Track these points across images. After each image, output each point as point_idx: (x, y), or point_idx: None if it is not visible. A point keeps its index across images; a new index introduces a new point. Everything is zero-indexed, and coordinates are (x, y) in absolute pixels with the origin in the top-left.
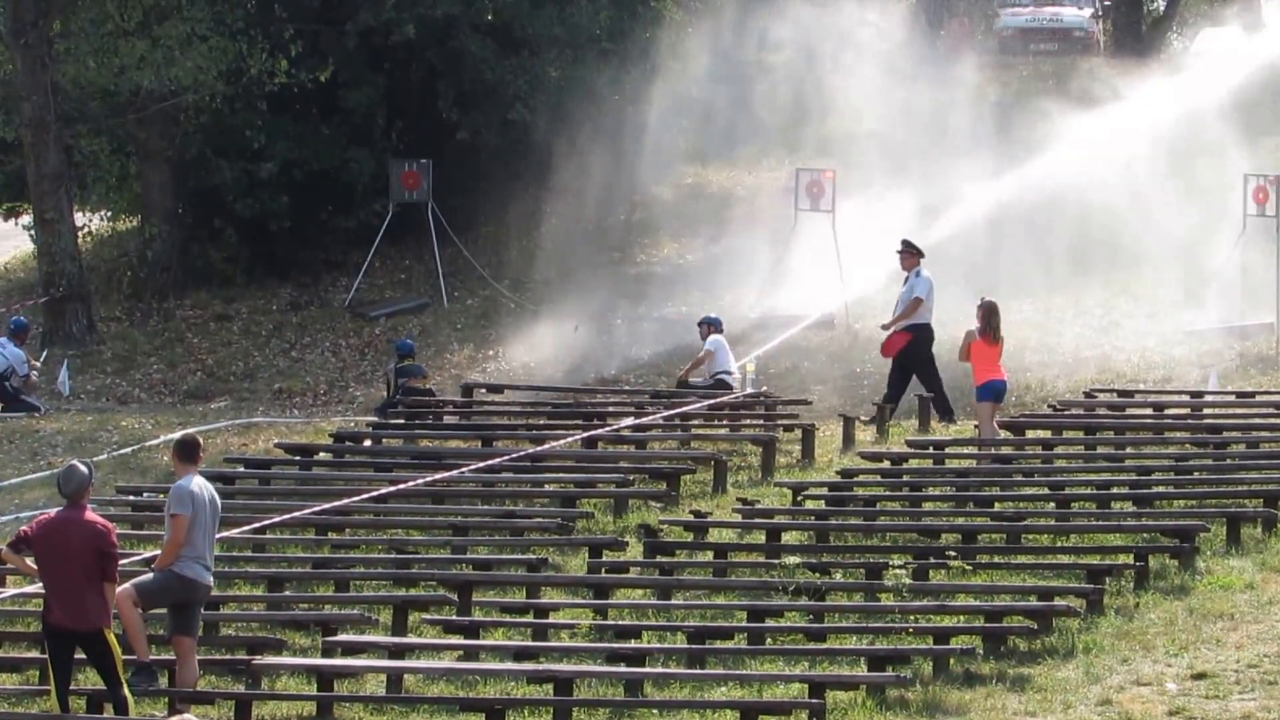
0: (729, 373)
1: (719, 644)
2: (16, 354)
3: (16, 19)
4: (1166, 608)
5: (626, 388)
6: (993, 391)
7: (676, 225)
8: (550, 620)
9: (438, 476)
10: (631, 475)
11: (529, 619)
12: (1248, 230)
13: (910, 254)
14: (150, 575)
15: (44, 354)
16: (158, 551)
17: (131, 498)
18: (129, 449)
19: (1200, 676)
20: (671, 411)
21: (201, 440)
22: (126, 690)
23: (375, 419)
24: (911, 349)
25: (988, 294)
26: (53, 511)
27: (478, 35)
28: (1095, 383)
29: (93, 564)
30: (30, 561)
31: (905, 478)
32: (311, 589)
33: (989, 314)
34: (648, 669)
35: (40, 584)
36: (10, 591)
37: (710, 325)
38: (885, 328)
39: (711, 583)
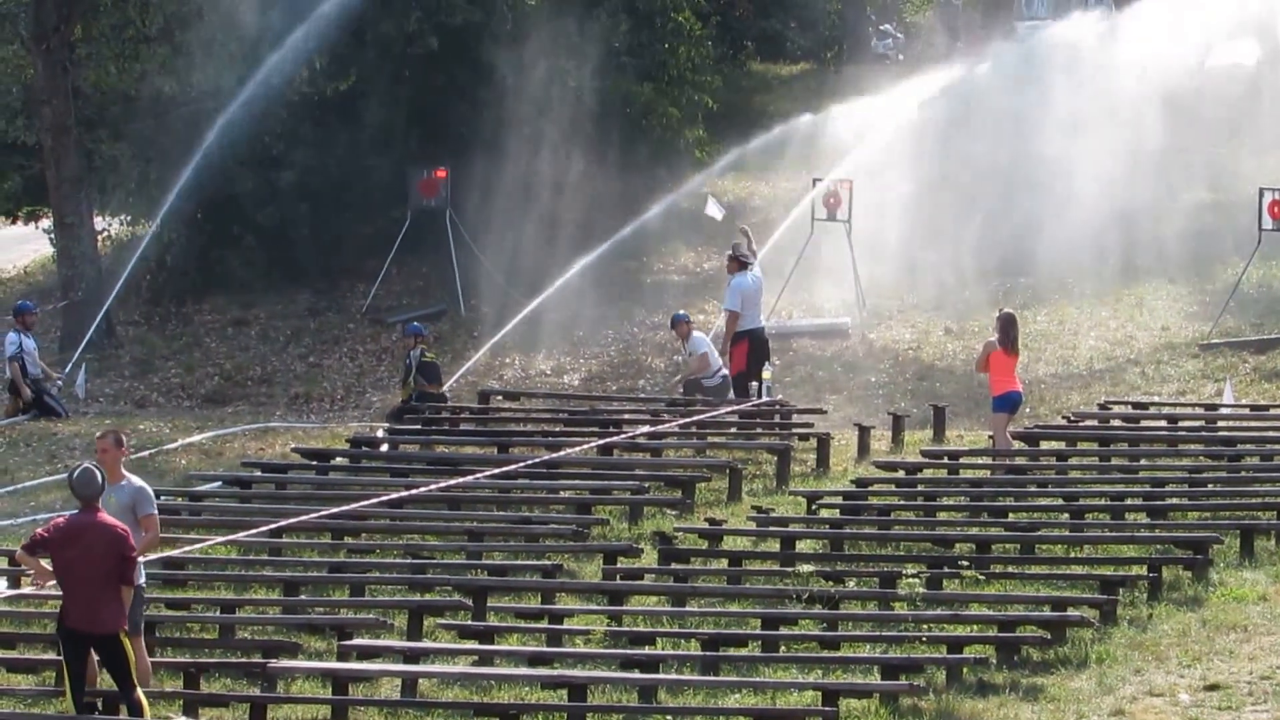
0: (723, 368)
1: (733, 651)
2: (12, 338)
3: (38, 24)
4: (1180, 619)
5: (642, 395)
6: (1010, 403)
7: (693, 234)
8: (565, 626)
9: (454, 482)
10: (647, 482)
11: (544, 624)
12: (1263, 244)
13: (733, 260)
14: (131, 606)
15: (83, 367)
16: (170, 552)
17: None
18: (147, 452)
19: (1213, 688)
20: (687, 420)
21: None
22: (140, 694)
23: (389, 424)
24: (750, 354)
25: (1004, 306)
26: (66, 515)
27: (498, 46)
28: (1110, 395)
29: (113, 567)
30: (45, 564)
31: (920, 487)
32: (327, 593)
33: (1008, 325)
34: (662, 675)
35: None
36: (27, 591)
37: (689, 322)
38: (722, 353)
39: (726, 590)
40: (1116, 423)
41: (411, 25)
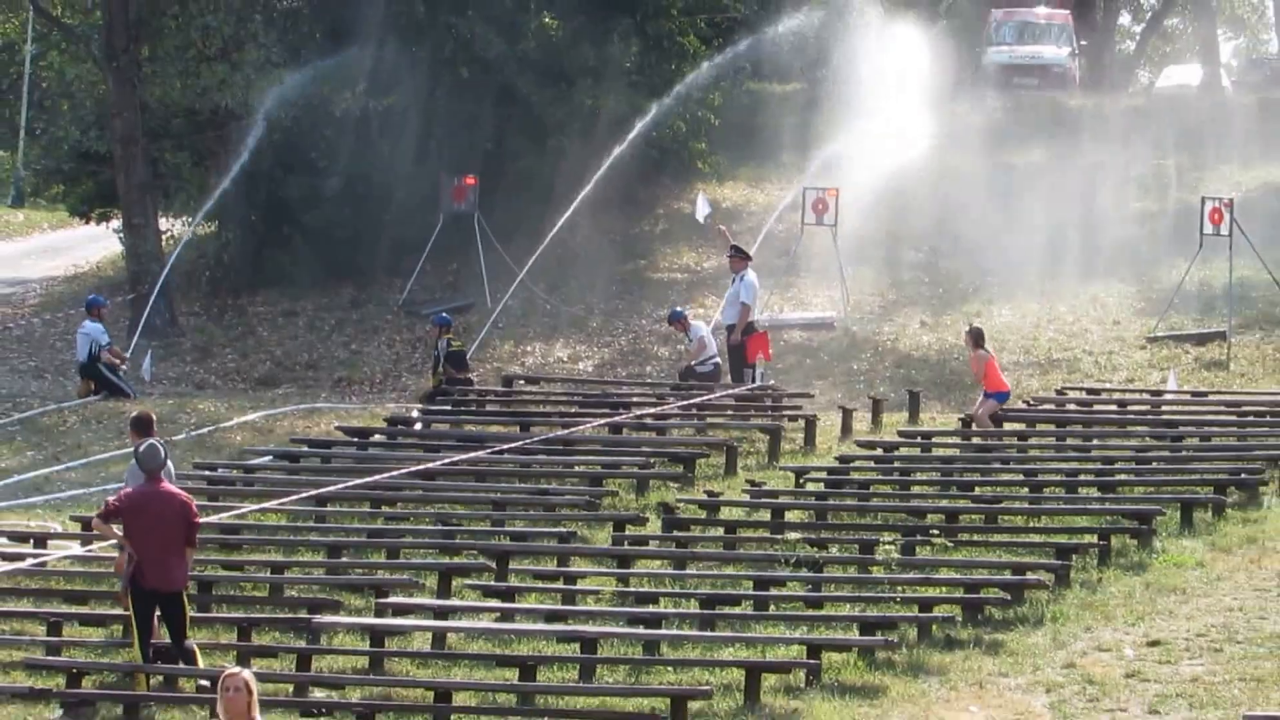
0: (716, 356)
1: (728, 610)
2: (95, 328)
3: (109, 45)
4: (1126, 582)
5: (649, 380)
6: (1006, 397)
7: (696, 237)
8: (578, 587)
9: (479, 454)
10: (652, 458)
11: (559, 585)
12: (1204, 248)
13: (738, 258)
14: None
15: (149, 352)
16: (225, 518)
17: (207, 473)
18: (205, 429)
19: (1155, 644)
20: (688, 401)
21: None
22: (192, 643)
23: (423, 405)
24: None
25: (973, 310)
26: (132, 486)
27: (522, 69)
28: (1066, 382)
29: (181, 531)
30: (117, 529)
31: (896, 464)
32: (366, 556)
33: (981, 335)
34: (664, 631)
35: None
36: (95, 550)
37: (683, 318)
38: (734, 342)
39: (722, 555)
40: (1072, 407)
41: (446, 54)
